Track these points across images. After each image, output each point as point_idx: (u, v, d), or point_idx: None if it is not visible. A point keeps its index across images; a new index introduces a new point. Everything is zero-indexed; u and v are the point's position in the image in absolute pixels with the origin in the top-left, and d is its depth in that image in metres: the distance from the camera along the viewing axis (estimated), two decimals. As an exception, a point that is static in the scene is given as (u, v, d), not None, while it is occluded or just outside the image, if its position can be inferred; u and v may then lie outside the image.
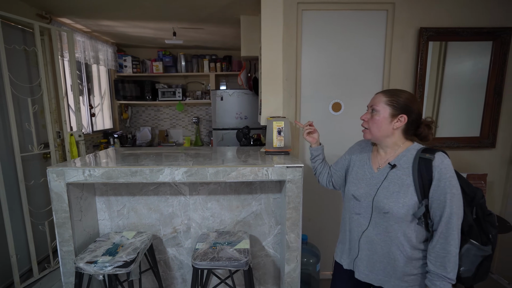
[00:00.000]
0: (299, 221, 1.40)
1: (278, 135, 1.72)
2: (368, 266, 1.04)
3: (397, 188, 0.96)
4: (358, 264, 1.07)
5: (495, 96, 1.98)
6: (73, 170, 1.30)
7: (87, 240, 1.49)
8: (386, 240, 0.99)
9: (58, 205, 1.32)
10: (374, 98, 1.04)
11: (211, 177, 1.33)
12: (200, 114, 4.12)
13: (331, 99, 1.99)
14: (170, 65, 3.76)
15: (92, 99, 3.33)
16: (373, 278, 1.04)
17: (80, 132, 2.47)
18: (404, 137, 1.01)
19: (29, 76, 2.21)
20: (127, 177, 1.31)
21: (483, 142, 2.05)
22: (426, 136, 1.01)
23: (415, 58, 1.93)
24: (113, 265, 1.21)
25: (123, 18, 2.60)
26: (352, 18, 1.89)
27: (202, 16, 2.50)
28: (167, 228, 1.62)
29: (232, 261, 1.26)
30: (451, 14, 1.89)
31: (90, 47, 3.08)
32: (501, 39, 1.91)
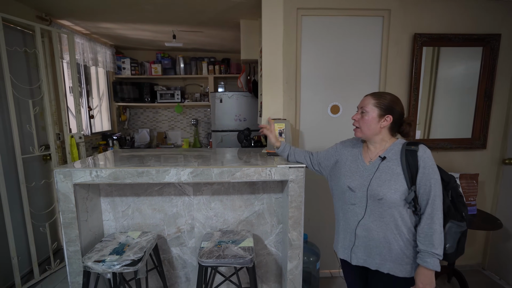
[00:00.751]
0: (301, 220, 1.45)
1: (279, 137, 1.77)
2: (366, 252, 1.13)
3: (389, 177, 1.07)
4: (356, 251, 1.15)
5: (485, 99, 2.07)
6: (80, 171, 1.32)
7: (93, 240, 1.50)
8: (381, 226, 1.08)
9: (65, 205, 1.34)
10: (364, 100, 1.15)
11: (216, 177, 1.36)
12: (199, 116, 4.15)
13: (329, 101, 2.05)
14: (169, 68, 3.78)
15: (91, 101, 3.33)
16: (370, 262, 1.12)
17: (81, 134, 2.48)
18: (390, 134, 1.15)
19: (29, 78, 2.21)
20: (133, 178, 1.34)
21: (474, 143, 2.14)
22: (408, 133, 1.15)
23: (410, 63, 2.01)
24: (121, 264, 1.24)
25: (122, 20, 2.62)
26: (349, 24, 1.96)
27: (202, 19, 2.55)
28: (171, 228, 1.65)
29: (237, 258, 1.29)
30: (444, 21, 1.98)
31: (89, 49, 3.09)
32: (491, 45, 2.00)
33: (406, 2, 1.93)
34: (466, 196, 1.92)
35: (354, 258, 1.16)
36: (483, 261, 2.34)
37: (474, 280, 2.16)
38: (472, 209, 1.94)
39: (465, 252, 2.23)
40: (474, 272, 2.29)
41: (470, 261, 2.34)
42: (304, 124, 2.07)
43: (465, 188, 1.92)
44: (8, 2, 2.06)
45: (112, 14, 2.45)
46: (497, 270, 2.23)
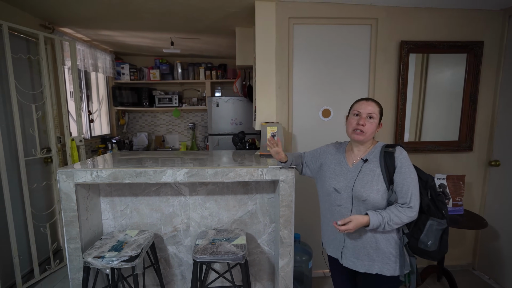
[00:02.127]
0: (291, 218, 1.52)
1: (272, 139, 1.84)
2: (354, 253, 1.18)
3: (370, 178, 1.14)
4: (345, 252, 1.21)
5: (470, 103, 2.16)
6: (82, 171, 1.39)
7: (92, 238, 1.57)
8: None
9: (67, 204, 1.41)
10: (370, 106, 1.18)
11: (210, 178, 1.44)
12: (196, 120, 4.23)
13: (321, 105, 2.14)
14: (167, 73, 3.88)
15: (91, 105, 3.41)
16: (359, 265, 1.17)
17: (81, 137, 2.55)
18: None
19: (32, 83, 2.29)
20: (132, 178, 1.41)
21: (461, 146, 2.22)
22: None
23: (397, 69, 2.10)
24: (120, 259, 1.30)
25: (122, 28, 2.72)
26: (339, 32, 2.06)
27: (199, 27, 2.64)
28: (168, 227, 1.72)
29: (230, 254, 1.36)
30: (429, 29, 2.08)
31: (89, 55, 3.18)
32: (474, 52, 2.10)
33: (392, 11, 2.03)
34: (453, 196, 2.00)
35: (344, 259, 1.21)
36: (473, 261, 2.41)
37: (464, 280, 2.22)
38: (459, 209, 2.01)
39: (455, 252, 2.33)
40: (464, 272, 2.35)
41: (460, 261, 2.40)
42: (296, 127, 2.15)
43: (451, 189, 2.00)
44: (13, 11, 2.15)
45: (113, 22, 2.55)
46: (486, 270, 2.29)
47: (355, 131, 1.18)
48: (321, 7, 1.98)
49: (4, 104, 2.00)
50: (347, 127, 1.23)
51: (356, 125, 1.17)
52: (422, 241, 1.13)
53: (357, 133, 1.17)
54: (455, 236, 2.35)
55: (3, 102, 1.99)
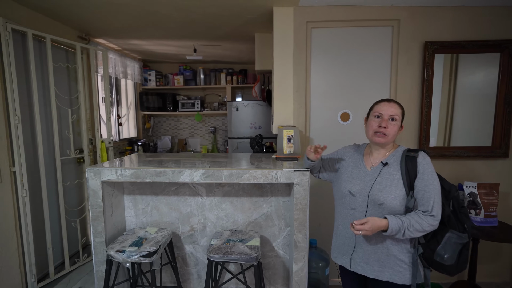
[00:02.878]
0: (306, 222, 1.50)
1: (288, 143, 1.85)
2: (364, 258, 1.14)
3: (389, 182, 1.10)
4: (355, 257, 1.17)
5: (505, 106, 2.01)
6: (108, 170, 1.50)
7: (116, 233, 1.67)
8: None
9: (94, 200, 1.52)
10: (392, 108, 1.13)
11: (225, 179, 1.47)
12: (217, 124, 4.34)
13: (339, 109, 2.10)
14: (190, 79, 4.04)
15: (120, 110, 3.65)
16: (368, 270, 1.13)
17: (110, 139, 2.74)
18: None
19: (69, 89, 2.51)
20: (152, 177, 1.49)
21: (495, 152, 2.06)
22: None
23: (421, 70, 2.01)
24: (139, 254, 1.37)
25: (149, 37, 2.90)
26: (358, 34, 2.02)
27: (219, 34, 2.74)
28: (185, 226, 1.78)
29: (243, 255, 1.38)
30: (456, 28, 1.97)
31: (120, 63, 3.42)
32: (509, 51, 1.95)
33: (415, 12, 1.96)
34: (485, 206, 1.85)
35: (353, 264, 1.17)
36: (511, 279, 2.19)
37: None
38: (492, 221, 1.85)
39: (490, 268, 2.15)
40: (501, 290, 2.15)
41: (495, 279, 2.20)
42: (314, 130, 2.13)
43: (483, 198, 1.85)
44: (55, 25, 2.39)
45: (141, 32, 2.73)
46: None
47: (376, 134, 1.13)
48: (339, 10, 1.97)
49: (45, 108, 2.21)
50: (367, 129, 1.18)
51: (378, 128, 1.12)
52: (439, 253, 1.07)
53: (379, 136, 1.13)
54: (489, 250, 2.16)
55: (44, 106, 2.20)
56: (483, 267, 2.16)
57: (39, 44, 2.16)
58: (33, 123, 2.11)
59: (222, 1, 1.93)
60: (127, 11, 2.15)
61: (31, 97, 2.07)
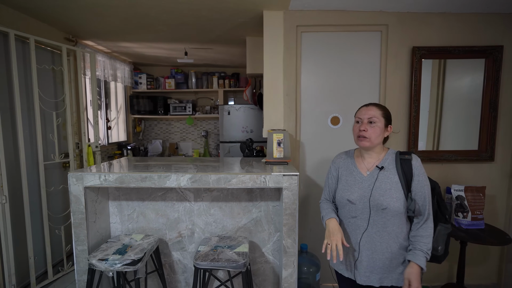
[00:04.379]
0: (295, 227, 1.48)
1: (278, 147, 1.83)
2: (368, 267, 1.12)
3: (388, 186, 1.10)
4: (359, 267, 1.14)
5: (490, 110, 2.04)
6: (91, 175, 1.45)
7: (100, 241, 1.61)
8: (384, 236, 1.10)
9: (76, 207, 1.46)
10: (370, 110, 1.15)
11: (213, 183, 1.44)
12: (209, 128, 4.30)
13: (330, 113, 2.10)
14: (181, 82, 4.01)
15: (109, 113, 3.58)
16: (373, 279, 1.12)
17: (97, 143, 2.67)
18: (383, 143, 1.19)
19: (54, 92, 2.45)
20: (137, 182, 1.45)
21: (481, 156, 2.09)
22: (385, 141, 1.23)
23: (409, 75, 2.04)
24: (122, 263, 1.32)
25: (140, 40, 2.86)
26: (348, 39, 2.04)
27: (211, 37, 2.73)
28: (173, 233, 1.73)
29: (230, 262, 1.34)
30: (443, 34, 2.01)
31: (109, 66, 3.36)
32: (493, 57, 2.00)
33: (403, 17, 1.99)
34: (472, 209, 1.86)
35: (358, 275, 1.14)
36: (498, 281, 2.21)
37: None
38: (479, 223, 1.87)
39: (477, 271, 2.17)
40: (489, 293, 2.17)
41: (484, 281, 2.21)
42: (304, 134, 2.12)
43: (470, 201, 1.87)
44: (41, 26, 2.34)
45: (131, 35, 2.69)
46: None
47: (359, 138, 1.16)
48: (329, 14, 1.98)
49: (28, 111, 2.14)
50: (353, 135, 1.21)
51: (359, 132, 1.15)
52: (433, 246, 1.12)
53: (361, 140, 1.15)
54: (477, 253, 2.18)
55: (27, 109, 2.13)
56: (471, 270, 2.17)
57: (23, 46, 2.10)
58: (14, 126, 2.03)
59: (212, 4, 1.92)
60: (115, 13, 2.11)
61: (12, 99, 2.00)
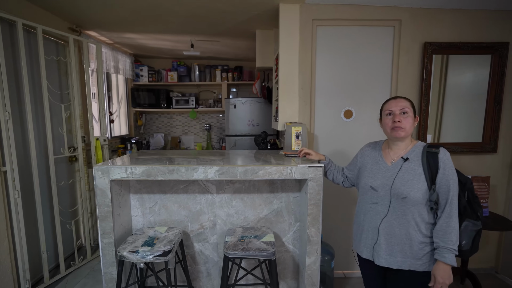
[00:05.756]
0: (319, 217, 1.53)
1: (296, 139, 1.87)
2: (387, 250, 1.18)
3: (411, 177, 1.14)
4: (377, 249, 1.20)
5: (495, 105, 2.14)
6: (117, 168, 1.44)
7: (123, 234, 1.61)
8: (404, 223, 1.15)
9: (102, 200, 1.46)
10: (400, 102, 1.19)
11: (240, 175, 1.46)
12: (212, 122, 4.28)
13: (343, 107, 2.15)
14: (184, 75, 3.95)
15: (111, 106, 3.50)
16: (391, 261, 1.18)
17: (105, 137, 2.62)
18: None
19: (59, 84, 2.38)
20: (164, 175, 1.45)
21: (485, 148, 2.20)
22: None
23: (420, 70, 2.10)
24: (154, 254, 1.34)
25: (145, 31, 2.80)
26: (362, 33, 2.07)
27: (221, 30, 2.70)
28: (195, 224, 1.75)
29: (261, 251, 1.38)
30: (453, 30, 2.07)
31: (111, 58, 3.27)
32: (499, 53, 2.08)
33: (416, 13, 2.03)
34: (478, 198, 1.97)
35: (376, 257, 1.21)
36: (496, 265, 2.36)
37: (488, 283, 2.18)
38: (484, 211, 1.98)
39: (478, 256, 2.29)
40: (487, 276, 2.31)
41: (483, 265, 2.36)
42: (318, 128, 2.16)
43: (476, 190, 1.97)
44: (45, 15, 2.24)
45: (137, 26, 2.62)
46: (511, 273, 2.24)
47: (394, 129, 1.18)
48: (344, 9, 2.01)
49: (35, 104, 2.08)
50: (384, 128, 1.24)
51: (393, 123, 1.18)
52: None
53: (397, 130, 1.17)
54: (479, 240, 2.31)
55: (34, 102, 2.06)
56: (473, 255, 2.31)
57: (28, 35, 2.02)
58: (24, 120, 1.97)
59: (228, -4, 1.90)
60: (125, 3, 2.06)
61: (21, 92, 1.94)
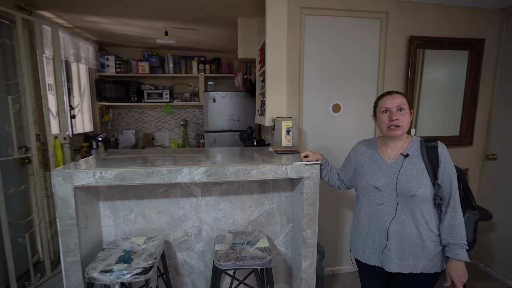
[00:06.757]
0: (315, 217, 1.44)
1: (287, 135, 1.75)
2: (398, 254, 1.11)
3: (415, 173, 1.09)
4: (388, 255, 1.12)
5: (471, 99, 2.22)
6: (82, 173, 1.20)
7: (92, 249, 1.37)
8: (414, 222, 1.09)
9: (64, 211, 1.21)
10: (396, 98, 1.12)
11: (231, 176, 1.31)
12: (188, 117, 4.02)
13: (331, 100, 2.08)
14: (157, 66, 3.63)
15: (72, 100, 3.09)
16: (403, 266, 1.10)
17: (65, 135, 2.28)
18: None
19: (5, 72, 1.99)
20: (143, 179, 1.24)
21: (462, 141, 2.28)
22: None
23: (406, 64, 2.10)
24: (132, 272, 1.13)
25: (112, 14, 2.47)
26: (350, 25, 2.01)
27: (199, 16, 2.47)
28: (178, 232, 1.56)
29: (256, 259, 1.24)
30: (435, 25, 2.09)
31: (71, 44, 2.87)
32: (476, 49, 2.15)
33: (402, 6, 2.01)
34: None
35: (387, 263, 1.12)
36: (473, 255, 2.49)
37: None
38: (464, 202, 2.05)
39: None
40: (462, 262, 2.43)
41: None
42: (306, 122, 2.07)
43: (457, 182, 2.04)
44: (-18, -13, 1.85)
45: (102, 7, 2.29)
46: (482, 258, 2.38)
47: (391, 128, 1.11)
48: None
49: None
50: (380, 126, 1.17)
51: (390, 122, 1.11)
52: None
53: (394, 129, 1.11)
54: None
55: (-29, 93, 1.69)
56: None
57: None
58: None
59: (210, -24, 1.70)
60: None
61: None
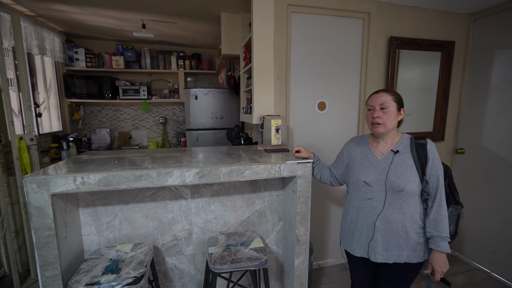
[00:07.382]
0: (308, 215, 1.45)
1: (276, 133, 1.74)
2: (384, 246, 1.17)
3: (404, 169, 1.14)
4: (374, 246, 1.18)
5: (443, 97, 2.38)
6: (61, 178, 1.09)
7: (73, 260, 1.26)
8: (400, 217, 1.14)
9: (40, 221, 1.09)
10: (381, 96, 1.18)
11: (224, 177, 1.27)
12: (167, 114, 3.86)
13: (317, 98, 2.10)
14: (132, 61, 3.42)
15: (37, 96, 2.81)
16: (388, 256, 1.17)
17: (31, 135, 2.07)
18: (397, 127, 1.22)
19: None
20: (130, 183, 1.16)
21: (435, 136, 2.44)
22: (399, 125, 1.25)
23: (386, 63, 2.18)
24: (122, 283, 1.06)
25: (82, 3, 2.27)
26: (335, 24, 2.04)
27: (180, 9, 2.36)
28: (167, 236, 1.49)
29: (252, 261, 1.23)
30: (413, 27, 2.20)
31: (34, 34, 2.59)
32: (447, 51, 2.30)
33: (383, 7, 2.09)
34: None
35: (373, 254, 1.19)
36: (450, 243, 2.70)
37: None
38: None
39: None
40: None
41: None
42: (293, 120, 2.08)
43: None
44: None
45: (71, -5, 2.10)
46: (452, 244, 2.59)
47: (373, 125, 1.19)
48: (319, -4, 1.93)
49: None
50: (367, 123, 1.23)
51: (372, 119, 1.18)
52: None
53: (376, 126, 1.18)
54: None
55: None
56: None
57: None
58: None
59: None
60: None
61: None
